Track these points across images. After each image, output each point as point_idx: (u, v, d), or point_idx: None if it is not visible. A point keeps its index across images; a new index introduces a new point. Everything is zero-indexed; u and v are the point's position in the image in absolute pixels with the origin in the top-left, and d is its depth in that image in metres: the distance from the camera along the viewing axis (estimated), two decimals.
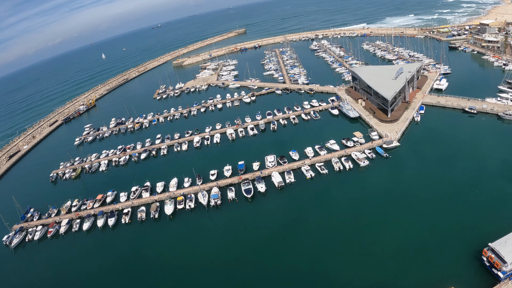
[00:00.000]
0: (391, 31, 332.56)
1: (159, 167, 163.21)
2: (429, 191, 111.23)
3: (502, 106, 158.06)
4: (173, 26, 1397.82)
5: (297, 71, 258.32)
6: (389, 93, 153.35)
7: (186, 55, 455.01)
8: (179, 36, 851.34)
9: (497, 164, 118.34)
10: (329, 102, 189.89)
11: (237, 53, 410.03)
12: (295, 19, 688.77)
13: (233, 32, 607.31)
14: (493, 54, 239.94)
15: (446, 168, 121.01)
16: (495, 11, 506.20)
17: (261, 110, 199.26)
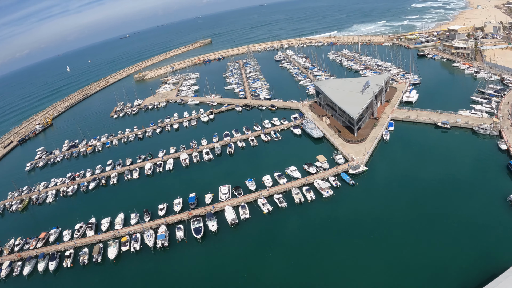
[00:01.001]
0: (358, 39, 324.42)
1: (106, 199, 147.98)
2: (401, 223, 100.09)
3: (477, 119, 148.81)
4: (141, 36, 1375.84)
5: (259, 85, 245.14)
6: (355, 110, 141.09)
7: (149, 68, 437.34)
8: (145, 47, 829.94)
9: (476, 186, 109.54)
10: (291, 120, 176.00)
11: (200, 65, 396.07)
12: (263, 28, 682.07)
13: (198, 43, 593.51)
14: (464, 61, 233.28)
15: (419, 194, 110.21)
16: (462, 16, 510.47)
17: (219, 130, 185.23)
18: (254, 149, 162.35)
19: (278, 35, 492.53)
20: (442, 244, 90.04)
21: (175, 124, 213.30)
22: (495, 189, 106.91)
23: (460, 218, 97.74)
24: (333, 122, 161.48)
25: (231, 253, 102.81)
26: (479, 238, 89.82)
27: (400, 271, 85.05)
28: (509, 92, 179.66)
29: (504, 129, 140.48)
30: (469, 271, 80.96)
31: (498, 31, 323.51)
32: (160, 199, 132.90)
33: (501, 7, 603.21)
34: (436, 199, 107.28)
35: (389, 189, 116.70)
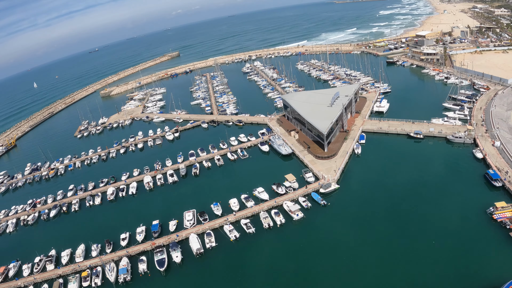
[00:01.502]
0: (326, 48, 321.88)
1: (67, 228, 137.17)
2: (378, 243, 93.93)
3: (450, 127, 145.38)
4: (110, 50, 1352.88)
5: (226, 99, 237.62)
6: (324, 125, 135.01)
7: (116, 83, 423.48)
8: (113, 61, 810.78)
9: (454, 199, 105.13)
10: (259, 136, 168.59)
11: (167, 79, 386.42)
12: (232, 39, 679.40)
13: (166, 56, 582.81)
14: (433, 67, 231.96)
15: (395, 212, 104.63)
16: (429, 21, 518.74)
17: (184, 149, 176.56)
18: (220, 169, 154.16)
19: (247, 46, 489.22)
20: (422, 265, 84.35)
21: (139, 143, 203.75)
22: (473, 201, 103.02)
23: (440, 236, 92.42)
24: (302, 137, 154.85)
25: (197, 287, 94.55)
26: (461, 257, 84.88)
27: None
28: (481, 97, 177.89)
29: (478, 136, 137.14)
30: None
31: (465, 35, 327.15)
32: (122, 227, 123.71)
33: (467, 11, 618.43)
34: (414, 215, 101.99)
35: (363, 208, 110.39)
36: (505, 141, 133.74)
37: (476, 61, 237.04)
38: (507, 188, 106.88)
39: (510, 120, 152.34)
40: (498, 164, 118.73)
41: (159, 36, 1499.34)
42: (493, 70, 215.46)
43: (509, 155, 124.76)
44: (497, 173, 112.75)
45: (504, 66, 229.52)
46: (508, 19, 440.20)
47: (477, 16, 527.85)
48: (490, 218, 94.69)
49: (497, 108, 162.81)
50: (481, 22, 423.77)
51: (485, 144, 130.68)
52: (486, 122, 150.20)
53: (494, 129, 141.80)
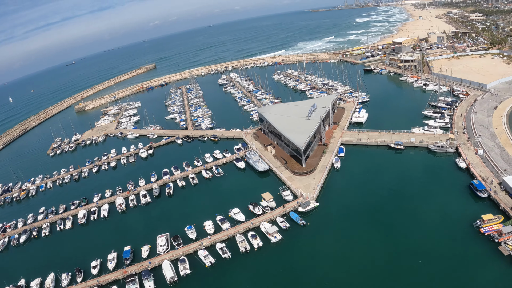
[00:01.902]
0: (302, 57, 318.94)
1: (38, 255, 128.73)
2: (361, 264, 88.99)
3: (432, 136, 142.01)
4: (87, 62, 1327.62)
5: (201, 113, 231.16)
6: (301, 139, 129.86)
7: (91, 98, 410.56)
8: (90, 74, 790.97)
9: (438, 213, 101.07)
10: (234, 152, 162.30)
11: (143, 92, 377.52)
12: (209, 50, 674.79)
13: (142, 68, 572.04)
14: (411, 74, 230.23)
15: (378, 228, 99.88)
16: (405, 28, 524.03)
17: (158, 167, 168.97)
18: (194, 188, 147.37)
19: (224, 57, 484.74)
20: (409, 286, 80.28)
21: (112, 161, 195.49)
22: (459, 214, 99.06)
23: (426, 253, 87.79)
24: (279, 152, 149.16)
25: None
26: (449, 275, 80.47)
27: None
28: (461, 103, 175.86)
29: (461, 145, 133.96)
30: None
31: (442, 40, 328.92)
32: (93, 254, 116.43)
33: (442, 17, 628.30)
34: (398, 232, 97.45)
35: (344, 226, 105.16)
36: (488, 148, 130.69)
37: (454, 67, 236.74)
38: (493, 199, 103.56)
39: (491, 127, 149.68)
40: (483, 173, 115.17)
41: (136, 48, 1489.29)
42: (472, 75, 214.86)
43: (493, 163, 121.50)
44: (482, 183, 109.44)
45: (482, 70, 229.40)
46: (483, 23, 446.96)
47: (452, 21, 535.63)
48: (477, 232, 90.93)
49: (478, 114, 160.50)
50: (457, 27, 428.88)
51: (468, 153, 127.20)
52: (468, 130, 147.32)
53: (476, 137, 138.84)
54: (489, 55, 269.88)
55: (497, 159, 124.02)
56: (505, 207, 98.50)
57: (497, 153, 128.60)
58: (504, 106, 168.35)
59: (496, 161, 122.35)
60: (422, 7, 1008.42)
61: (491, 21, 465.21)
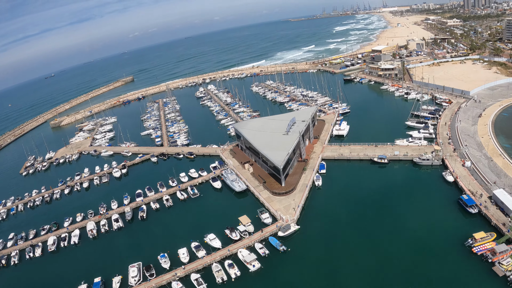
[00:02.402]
0: (281, 67, 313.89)
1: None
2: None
3: (416, 148, 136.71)
4: (66, 75, 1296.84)
5: (177, 128, 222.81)
6: (280, 157, 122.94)
7: (68, 112, 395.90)
8: (69, 87, 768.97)
9: (427, 231, 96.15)
10: (211, 170, 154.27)
11: (120, 106, 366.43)
12: (188, 61, 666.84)
13: (120, 81, 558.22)
14: (392, 82, 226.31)
15: (364, 252, 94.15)
16: (384, 35, 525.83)
17: (132, 187, 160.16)
18: (169, 211, 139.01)
19: (203, 69, 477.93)
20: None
21: (85, 182, 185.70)
22: (449, 232, 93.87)
23: (417, 277, 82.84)
24: (257, 170, 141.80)
25: None
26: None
27: None
28: (444, 112, 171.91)
29: (447, 156, 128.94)
30: None
31: (421, 47, 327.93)
32: (62, 287, 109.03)
33: (420, 23, 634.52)
34: (385, 254, 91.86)
35: (327, 251, 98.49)
36: (476, 160, 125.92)
37: (435, 74, 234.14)
38: (484, 214, 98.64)
39: (477, 136, 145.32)
40: (471, 187, 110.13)
41: (115, 59, 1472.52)
42: (453, 82, 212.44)
43: (481, 175, 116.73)
44: (472, 198, 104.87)
45: (463, 77, 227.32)
46: (461, 29, 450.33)
47: (430, 27, 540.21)
48: (469, 252, 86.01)
49: (462, 123, 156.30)
50: (436, 34, 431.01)
51: (455, 165, 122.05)
52: (453, 140, 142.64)
53: (462, 147, 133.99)
54: (469, 61, 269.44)
55: (485, 170, 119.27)
56: (497, 223, 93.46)
57: (485, 164, 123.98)
58: (489, 114, 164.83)
59: (485, 173, 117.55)
60: (399, 14, 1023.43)
61: (469, 27, 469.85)
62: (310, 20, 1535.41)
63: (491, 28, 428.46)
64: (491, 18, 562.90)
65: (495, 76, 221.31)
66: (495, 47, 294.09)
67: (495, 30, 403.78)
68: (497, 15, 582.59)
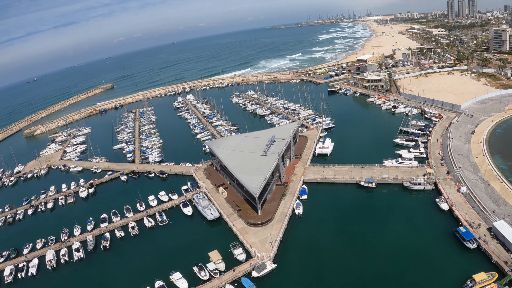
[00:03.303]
0: (263, 77, 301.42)
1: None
2: None
3: (407, 171, 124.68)
4: (49, 80, 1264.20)
5: (151, 142, 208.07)
6: (256, 183, 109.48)
7: (43, 120, 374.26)
8: (49, 92, 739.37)
9: (421, 270, 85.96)
10: (182, 193, 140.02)
11: (96, 115, 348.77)
12: (170, 69, 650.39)
13: (99, 88, 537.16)
14: (379, 95, 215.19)
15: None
16: (369, 44, 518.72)
17: (97, 211, 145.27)
18: (134, 241, 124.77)
19: (185, 77, 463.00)
20: None
21: (50, 202, 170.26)
22: (445, 272, 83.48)
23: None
24: (232, 195, 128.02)
25: None
26: None
27: None
28: (435, 128, 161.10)
29: (440, 180, 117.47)
30: None
31: (407, 57, 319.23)
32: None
33: (405, 32, 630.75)
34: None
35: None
36: (471, 184, 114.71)
37: (422, 85, 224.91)
38: (483, 250, 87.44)
39: (471, 156, 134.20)
40: (468, 216, 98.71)
41: (99, 65, 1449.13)
42: (442, 95, 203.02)
43: (478, 203, 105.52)
44: (469, 230, 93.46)
45: (452, 89, 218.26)
46: (447, 38, 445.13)
47: (415, 37, 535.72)
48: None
49: (454, 141, 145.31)
50: (421, 43, 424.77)
51: (449, 190, 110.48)
52: (446, 160, 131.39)
53: (456, 169, 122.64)
54: (457, 72, 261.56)
55: (482, 197, 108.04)
56: (498, 261, 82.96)
57: (482, 189, 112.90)
58: (482, 130, 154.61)
59: (482, 200, 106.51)
60: (384, 23, 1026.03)
61: (454, 36, 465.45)
62: (295, 28, 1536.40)
63: (477, 38, 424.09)
64: (475, 27, 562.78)
65: (485, 89, 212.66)
66: (483, 58, 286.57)
67: (481, 40, 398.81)
68: (482, 25, 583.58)
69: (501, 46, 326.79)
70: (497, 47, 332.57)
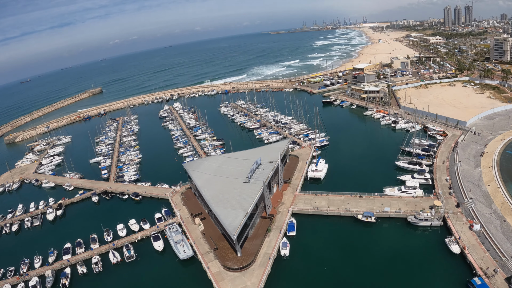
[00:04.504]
0: (254, 85, 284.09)
1: None
2: None
3: (411, 202, 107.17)
4: (42, 81, 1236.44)
5: (129, 157, 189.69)
6: (234, 221, 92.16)
7: (28, 125, 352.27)
8: (40, 94, 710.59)
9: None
10: (154, 222, 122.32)
11: (80, 122, 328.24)
12: (162, 73, 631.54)
13: (87, 92, 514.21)
14: (377, 107, 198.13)
15: None
16: (365, 51, 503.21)
17: (62, 238, 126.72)
18: (97, 279, 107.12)
19: (178, 83, 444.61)
20: None
21: (15, 223, 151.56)
22: None
23: None
24: (209, 228, 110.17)
25: None
26: None
27: None
28: (440, 148, 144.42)
29: (449, 214, 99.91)
30: None
31: (406, 66, 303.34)
32: None
33: (402, 40, 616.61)
34: None
35: None
36: (485, 220, 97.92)
37: (423, 97, 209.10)
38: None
39: (482, 183, 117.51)
40: (484, 263, 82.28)
41: (92, 67, 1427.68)
42: (445, 109, 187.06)
43: (494, 245, 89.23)
44: (486, 282, 76.76)
45: (455, 102, 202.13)
46: (445, 47, 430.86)
47: (412, 45, 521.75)
48: None
49: (463, 164, 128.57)
50: (420, 51, 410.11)
51: (460, 229, 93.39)
52: (455, 189, 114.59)
53: (467, 200, 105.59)
54: (459, 83, 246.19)
55: (499, 237, 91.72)
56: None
57: (497, 226, 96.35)
58: (491, 151, 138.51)
59: (498, 241, 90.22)
60: (380, 30, 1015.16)
61: (452, 45, 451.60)
62: (291, 33, 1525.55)
63: (476, 47, 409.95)
64: (473, 36, 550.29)
65: (490, 102, 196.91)
66: (485, 69, 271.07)
67: (481, 49, 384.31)
68: (479, 33, 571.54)
69: (502, 56, 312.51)
70: (498, 56, 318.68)
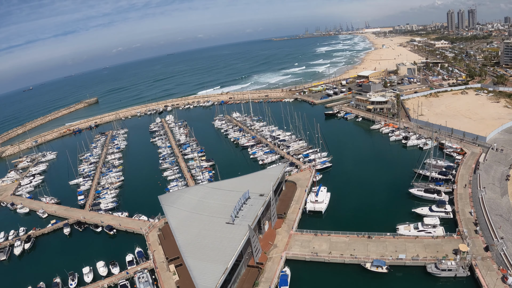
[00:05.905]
0: (250, 95, 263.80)
1: None
2: None
3: (431, 245, 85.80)
4: (44, 89, 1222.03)
5: (109, 180, 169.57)
6: (210, 280, 71.47)
7: (18, 139, 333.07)
8: (40, 103, 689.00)
9: None
10: (125, 265, 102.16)
11: (70, 136, 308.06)
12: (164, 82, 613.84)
13: (82, 103, 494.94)
14: (385, 120, 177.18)
15: None
16: (369, 57, 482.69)
17: (25, 279, 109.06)
18: None
19: (176, 93, 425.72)
20: None
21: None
22: None
23: None
24: (186, 278, 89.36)
25: None
26: None
27: None
28: (459, 170, 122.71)
29: (477, 261, 78.34)
30: None
31: (413, 72, 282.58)
32: None
33: (406, 45, 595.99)
34: None
35: None
36: None
37: (434, 108, 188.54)
38: None
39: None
40: None
41: (94, 75, 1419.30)
42: (460, 121, 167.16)
43: None
44: None
45: (470, 113, 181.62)
46: (451, 51, 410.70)
47: (417, 50, 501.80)
48: None
49: (488, 191, 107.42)
50: (426, 57, 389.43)
51: (492, 280, 73.51)
52: (481, 224, 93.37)
53: (497, 241, 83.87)
54: (471, 91, 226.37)
55: None
56: None
57: None
58: None
59: None
60: (383, 35, 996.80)
61: (458, 49, 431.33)
62: (293, 40, 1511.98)
63: (483, 51, 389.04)
64: (478, 39, 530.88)
65: (508, 112, 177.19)
66: (496, 74, 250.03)
67: (489, 53, 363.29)
68: (484, 37, 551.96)
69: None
70: (509, 61, 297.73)
